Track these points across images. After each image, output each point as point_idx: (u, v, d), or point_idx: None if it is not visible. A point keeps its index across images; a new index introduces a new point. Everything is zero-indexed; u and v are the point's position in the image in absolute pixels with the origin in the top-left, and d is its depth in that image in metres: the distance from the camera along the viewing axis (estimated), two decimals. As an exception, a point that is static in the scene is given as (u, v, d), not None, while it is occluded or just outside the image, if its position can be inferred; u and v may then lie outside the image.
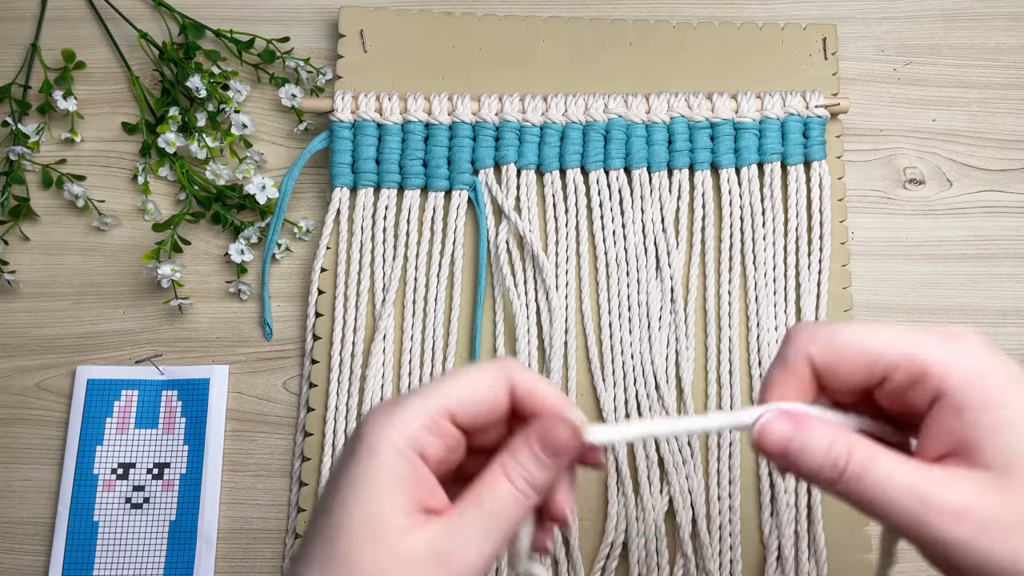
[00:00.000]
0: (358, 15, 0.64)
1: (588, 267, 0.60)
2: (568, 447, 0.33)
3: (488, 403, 0.33)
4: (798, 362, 0.33)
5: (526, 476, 0.32)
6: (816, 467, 0.32)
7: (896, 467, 0.31)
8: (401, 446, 0.32)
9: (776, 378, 0.34)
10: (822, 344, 0.33)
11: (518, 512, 0.32)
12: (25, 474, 0.59)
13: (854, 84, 0.65)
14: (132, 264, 0.62)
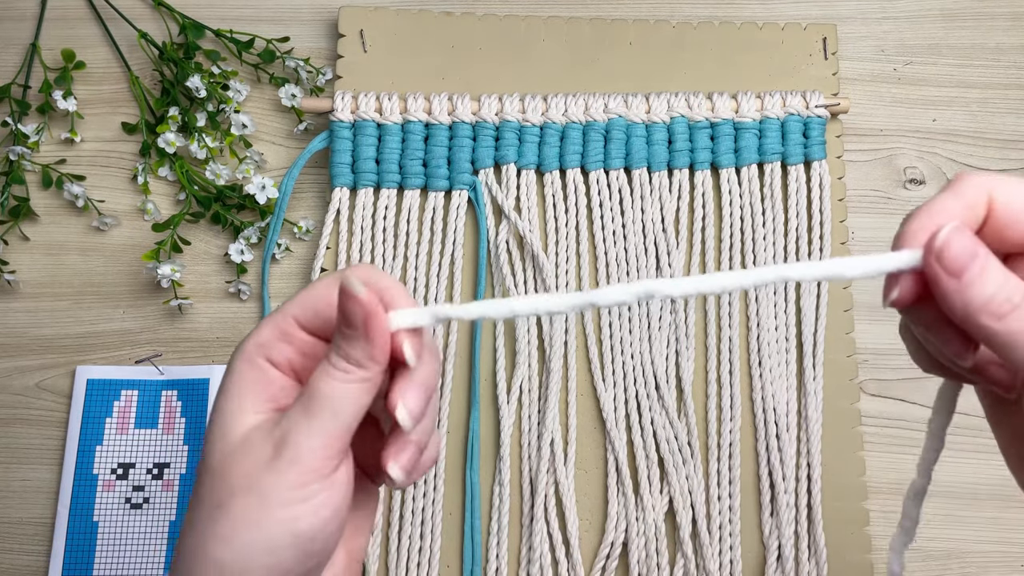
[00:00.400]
0: (358, 15, 0.64)
1: (588, 267, 0.59)
2: (354, 313, 0.31)
3: (327, 302, 0.34)
4: (977, 194, 0.30)
5: (339, 352, 0.32)
6: (988, 295, 0.29)
7: None
8: (250, 354, 0.34)
9: (942, 204, 0.31)
10: (1010, 188, 0.30)
11: (346, 394, 0.32)
12: (25, 474, 0.58)
13: (854, 84, 0.65)
14: (132, 264, 0.62)
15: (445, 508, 0.56)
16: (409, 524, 0.55)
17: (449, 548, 0.55)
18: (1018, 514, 0.57)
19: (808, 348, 0.58)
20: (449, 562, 0.55)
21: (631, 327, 0.58)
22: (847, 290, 0.59)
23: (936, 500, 0.57)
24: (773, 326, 0.58)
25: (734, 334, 0.58)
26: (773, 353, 0.58)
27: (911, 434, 0.58)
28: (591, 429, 0.57)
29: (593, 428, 0.57)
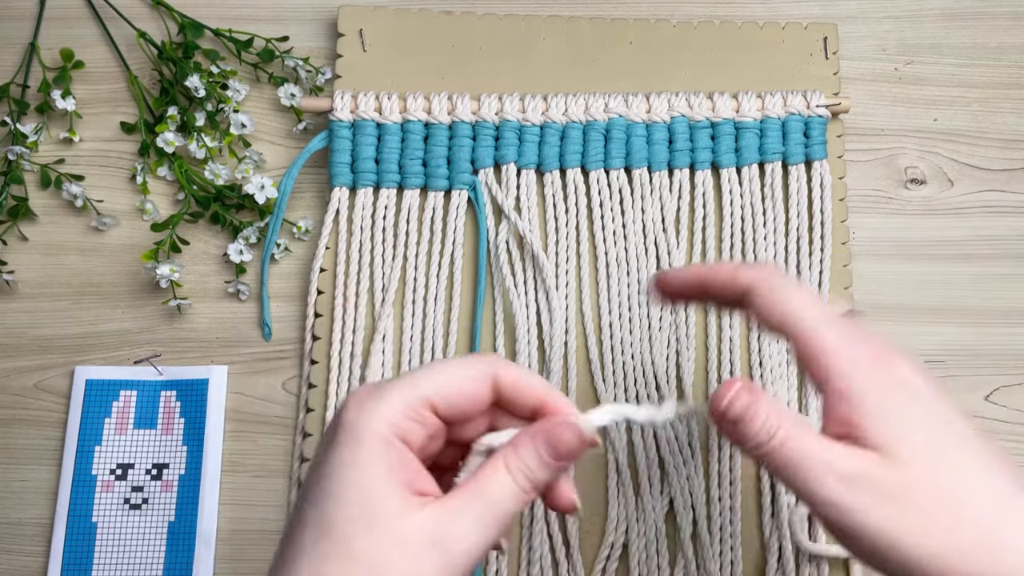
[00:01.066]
0: (357, 14, 0.64)
1: (588, 267, 0.59)
2: (573, 451, 0.34)
3: (470, 396, 0.34)
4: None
5: (528, 473, 0.33)
6: (753, 433, 0.34)
7: (812, 440, 0.33)
8: (385, 432, 0.32)
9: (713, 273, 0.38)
10: (773, 294, 0.36)
11: (515, 506, 0.33)
12: (23, 475, 0.58)
13: (855, 84, 0.65)
14: (131, 264, 0.62)
15: (445, 509, 0.56)
16: None
17: (449, 549, 0.55)
18: (1019, 515, 0.57)
19: (809, 348, 0.58)
20: (449, 563, 0.55)
21: (631, 327, 0.58)
22: (848, 290, 0.59)
23: (937, 501, 0.57)
24: (774, 326, 0.58)
25: (734, 334, 0.58)
26: (773, 353, 0.58)
27: (912, 434, 0.58)
28: (591, 429, 0.57)
29: (593, 428, 0.57)
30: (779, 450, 0.33)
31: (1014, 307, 0.61)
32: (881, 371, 0.34)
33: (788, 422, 0.34)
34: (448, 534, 0.31)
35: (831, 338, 0.34)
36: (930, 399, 0.34)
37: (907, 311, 0.61)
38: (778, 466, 0.34)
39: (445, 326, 0.58)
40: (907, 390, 0.34)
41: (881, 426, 0.33)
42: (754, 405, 0.34)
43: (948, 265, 0.61)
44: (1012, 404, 0.59)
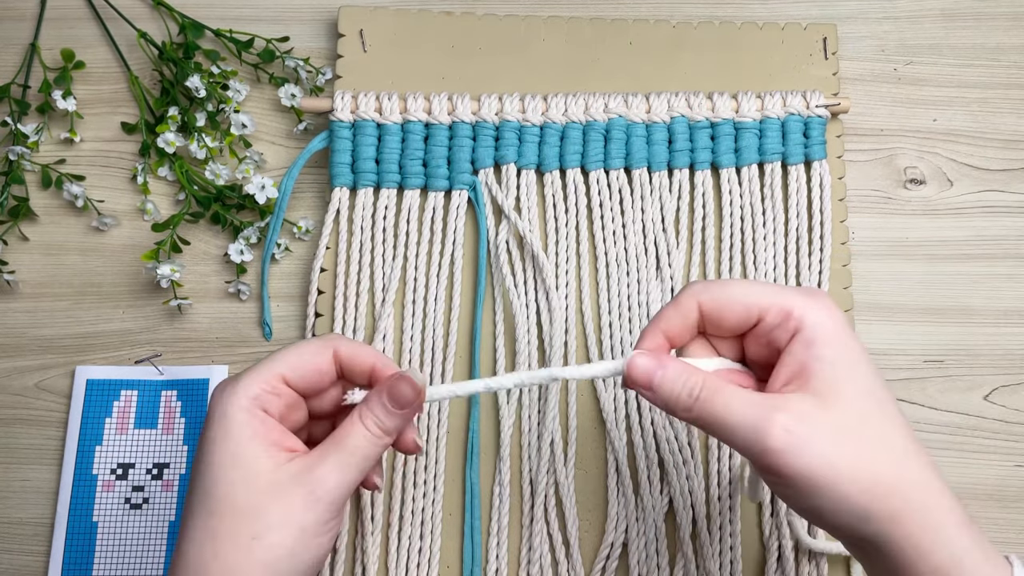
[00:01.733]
0: (358, 15, 0.64)
1: (588, 267, 0.59)
2: (410, 400, 0.41)
3: (314, 368, 0.42)
4: (689, 303, 0.41)
5: (377, 422, 0.41)
6: (675, 395, 0.39)
7: (741, 393, 0.38)
8: (246, 405, 0.39)
9: (665, 314, 0.41)
10: (714, 291, 0.40)
11: (371, 450, 0.40)
12: (24, 474, 0.58)
13: (854, 84, 0.65)
14: (132, 264, 0.62)
15: (445, 508, 0.56)
16: (409, 524, 0.55)
17: (449, 548, 0.55)
18: (1018, 514, 0.57)
19: (808, 348, 0.58)
20: (449, 562, 0.55)
21: (631, 327, 0.58)
22: (847, 290, 0.59)
23: (936, 500, 0.57)
24: (773, 326, 0.58)
25: (734, 334, 0.58)
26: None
27: (911, 434, 0.58)
28: (591, 429, 0.57)
29: (593, 428, 0.57)
30: (708, 408, 0.38)
31: (1013, 307, 0.61)
32: (837, 327, 0.39)
33: (710, 380, 0.39)
34: (313, 476, 0.38)
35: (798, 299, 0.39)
36: (869, 368, 0.39)
37: (906, 311, 0.61)
38: (710, 423, 0.38)
39: (445, 326, 0.58)
40: (855, 354, 0.38)
41: (829, 373, 0.37)
42: (660, 370, 0.39)
43: (947, 265, 0.61)
44: (1011, 404, 0.59)
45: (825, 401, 0.37)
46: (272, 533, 0.37)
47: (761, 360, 0.41)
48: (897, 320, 0.60)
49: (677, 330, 0.41)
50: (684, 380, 0.39)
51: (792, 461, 0.36)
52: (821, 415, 0.37)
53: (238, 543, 0.37)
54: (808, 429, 0.36)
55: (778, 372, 0.39)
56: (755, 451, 0.37)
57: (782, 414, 0.36)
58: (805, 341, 0.38)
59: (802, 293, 0.39)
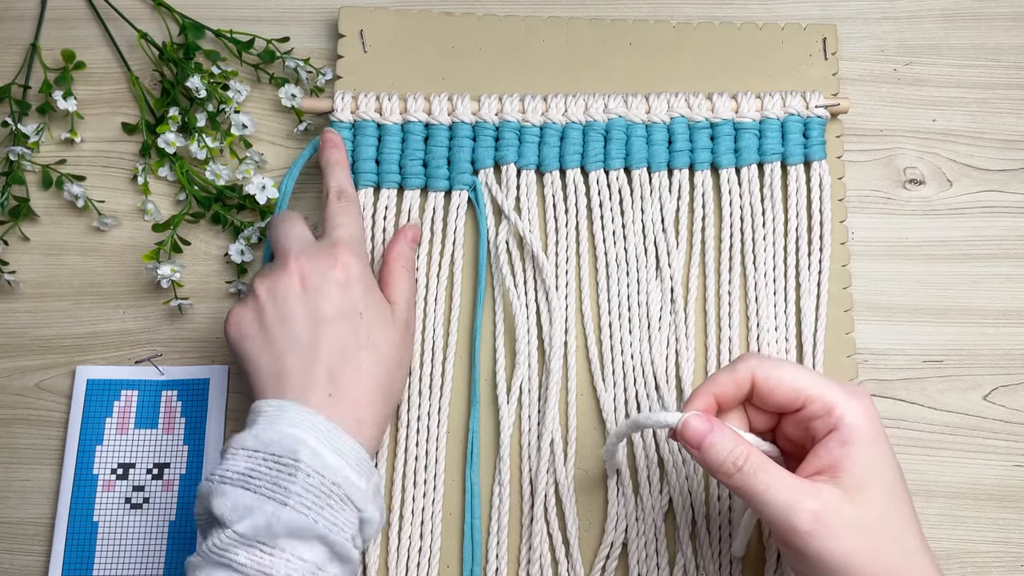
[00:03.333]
0: (358, 15, 0.64)
1: (588, 267, 0.59)
2: (417, 235, 0.58)
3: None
4: (745, 375, 0.45)
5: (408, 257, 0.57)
6: (719, 461, 0.43)
7: (781, 474, 0.42)
8: None
9: (720, 380, 0.45)
10: (769, 369, 0.45)
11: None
12: (25, 474, 0.59)
13: (854, 84, 0.65)
14: (132, 264, 0.62)
15: (445, 508, 0.56)
16: (409, 524, 0.55)
17: (449, 548, 0.55)
18: (1018, 514, 0.57)
19: (808, 348, 0.58)
20: (449, 562, 0.55)
21: (631, 327, 0.58)
22: (847, 290, 0.59)
23: (936, 500, 0.57)
24: (773, 326, 0.58)
25: (734, 334, 0.58)
26: (773, 353, 0.58)
27: (911, 434, 0.59)
28: (591, 429, 0.57)
29: (593, 428, 0.57)
30: (749, 481, 0.42)
31: (1013, 307, 0.61)
32: (872, 430, 0.43)
33: (755, 454, 0.43)
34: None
35: (841, 398, 0.43)
36: (894, 470, 0.44)
37: (906, 311, 0.61)
38: (747, 494, 0.42)
39: (445, 326, 0.58)
40: (884, 458, 0.43)
41: (858, 472, 0.42)
42: (711, 435, 0.43)
43: (947, 265, 0.61)
44: (1011, 404, 0.59)
45: (852, 497, 0.42)
46: (401, 318, 0.54)
47: (792, 438, 0.46)
48: (897, 320, 0.61)
49: (728, 397, 0.45)
50: (731, 449, 0.43)
51: (815, 544, 0.41)
52: (847, 509, 0.41)
53: (397, 332, 0.52)
54: (834, 520, 0.41)
55: (811, 460, 0.43)
56: (782, 527, 0.41)
57: (813, 501, 0.41)
58: (841, 440, 0.43)
59: (846, 392, 0.44)
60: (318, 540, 0.44)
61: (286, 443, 0.45)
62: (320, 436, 0.46)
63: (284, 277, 0.50)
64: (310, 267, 0.50)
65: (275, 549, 0.43)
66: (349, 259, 0.51)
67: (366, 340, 0.50)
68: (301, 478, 0.44)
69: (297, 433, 0.45)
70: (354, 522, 0.46)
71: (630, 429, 0.48)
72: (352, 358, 0.49)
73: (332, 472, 0.45)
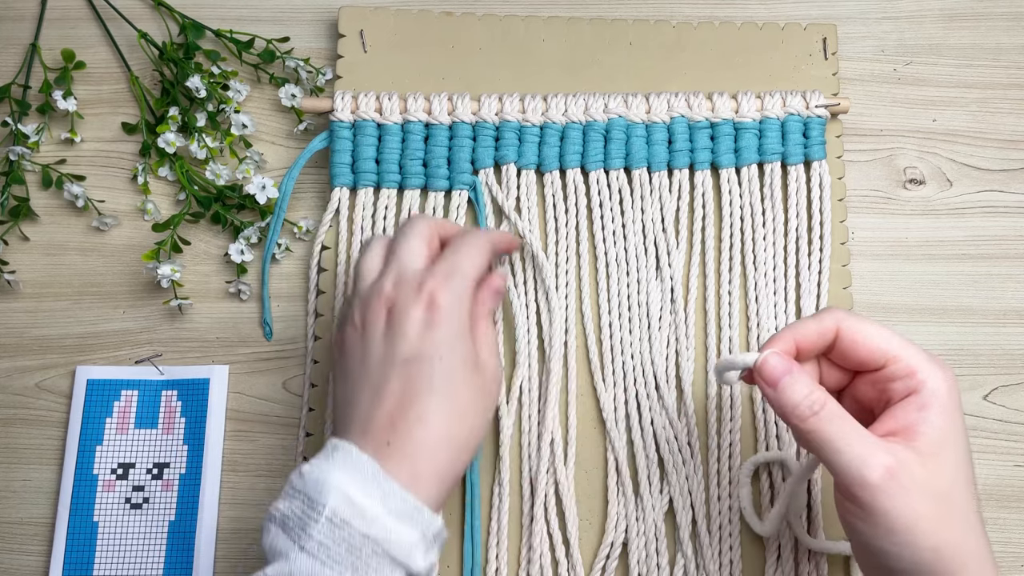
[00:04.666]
0: (358, 15, 0.64)
1: (588, 267, 0.59)
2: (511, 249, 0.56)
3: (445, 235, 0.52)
4: (830, 324, 0.44)
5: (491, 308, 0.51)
6: (794, 402, 0.42)
7: (857, 426, 0.42)
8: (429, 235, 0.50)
9: (804, 326, 0.44)
10: (855, 323, 0.44)
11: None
12: (25, 474, 0.59)
13: (854, 84, 0.65)
14: (132, 264, 0.62)
15: (445, 508, 0.56)
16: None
17: (449, 548, 0.55)
18: (1018, 514, 0.57)
19: (808, 348, 0.58)
20: (449, 562, 0.55)
21: (631, 327, 0.58)
22: (847, 290, 0.59)
23: (936, 500, 0.57)
24: (773, 326, 0.58)
25: (734, 334, 0.58)
26: (773, 353, 0.58)
27: (911, 434, 0.58)
28: (591, 429, 0.57)
29: (593, 428, 0.57)
30: (824, 427, 0.41)
31: (1013, 307, 0.61)
32: (951, 399, 0.42)
33: (832, 402, 0.42)
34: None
35: (924, 362, 0.43)
36: (965, 443, 0.43)
37: (906, 311, 0.61)
38: (819, 441, 0.41)
39: (445, 326, 0.58)
40: (958, 429, 0.43)
41: (934, 438, 0.41)
42: (789, 375, 0.43)
43: (947, 265, 0.61)
44: (1011, 404, 0.59)
45: (925, 461, 0.41)
46: (487, 367, 0.48)
47: (863, 399, 0.45)
48: (897, 320, 0.61)
49: (809, 344, 0.44)
50: (808, 392, 0.42)
51: (883, 500, 0.40)
52: (919, 471, 0.41)
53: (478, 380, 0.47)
54: (906, 479, 0.40)
55: (884, 421, 0.43)
56: (852, 478, 0.41)
57: (887, 456, 0.41)
58: (920, 403, 0.42)
59: (930, 359, 0.43)
60: None
61: (321, 487, 0.41)
62: (365, 485, 0.41)
63: (375, 304, 0.47)
64: (399, 299, 0.46)
65: None
66: (440, 296, 0.46)
67: (441, 386, 0.45)
68: (324, 525, 0.40)
69: (336, 478, 0.41)
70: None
71: (719, 371, 0.47)
72: (419, 404, 0.44)
73: (368, 524, 0.40)
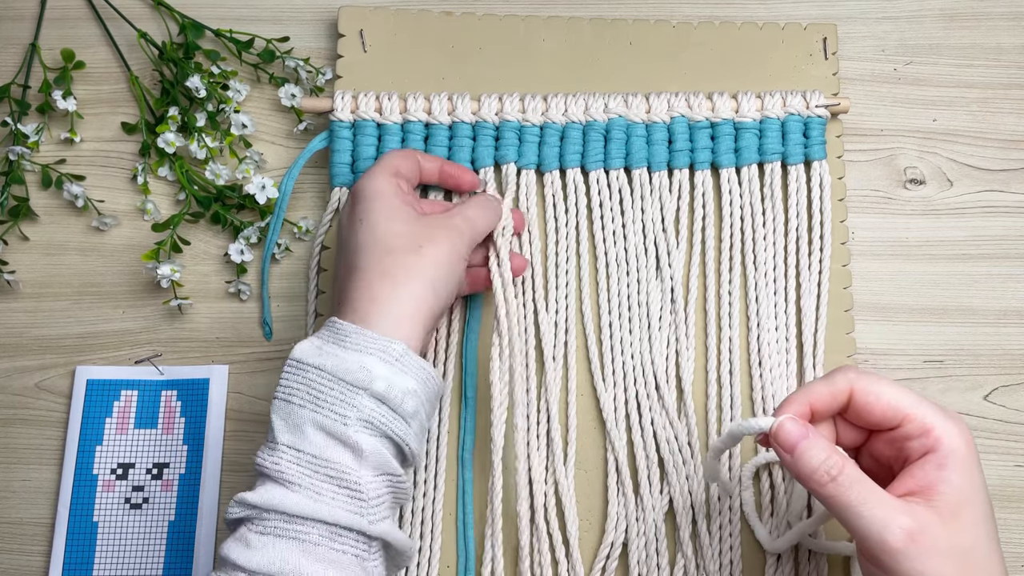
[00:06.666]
0: (358, 15, 0.64)
1: (588, 267, 0.59)
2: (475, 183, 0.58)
3: (413, 168, 0.55)
4: (843, 386, 0.44)
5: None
6: (812, 468, 0.41)
7: (877, 490, 0.41)
8: (392, 179, 0.51)
9: (816, 388, 0.44)
10: (867, 384, 0.43)
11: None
12: (25, 474, 0.58)
13: (854, 84, 0.65)
14: (132, 264, 0.62)
15: (445, 508, 0.56)
16: (409, 524, 0.55)
17: (449, 548, 0.55)
18: (1019, 514, 0.57)
19: (808, 348, 0.58)
20: (449, 562, 0.55)
21: (631, 327, 0.58)
22: (847, 290, 0.59)
23: (936, 500, 0.57)
24: (773, 326, 0.58)
25: (734, 334, 0.58)
26: (773, 353, 0.58)
27: (911, 434, 0.58)
28: (591, 429, 0.57)
29: (593, 428, 0.57)
30: (843, 492, 0.41)
31: (1013, 307, 0.61)
32: (969, 455, 0.42)
33: (850, 466, 0.41)
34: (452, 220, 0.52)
35: (940, 420, 0.42)
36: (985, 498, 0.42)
37: (906, 311, 0.61)
38: (839, 506, 0.41)
39: (446, 326, 0.58)
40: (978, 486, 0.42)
41: (955, 497, 0.41)
42: (805, 441, 0.42)
43: (947, 265, 0.61)
44: (1011, 404, 0.59)
45: (946, 522, 0.41)
46: (432, 246, 0.48)
47: (880, 457, 0.45)
48: (897, 320, 0.60)
49: (822, 407, 0.44)
50: (826, 457, 0.41)
51: (906, 564, 0.40)
52: (940, 533, 0.40)
53: (408, 262, 0.48)
54: (927, 542, 0.40)
55: (903, 480, 0.42)
56: (874, 543, 0.40)
57: (908, 519, 0.40)
58: (938, 462, 0.42)
59: (944, 414, 0.43)
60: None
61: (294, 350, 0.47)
62: (322, 334, 0.47)
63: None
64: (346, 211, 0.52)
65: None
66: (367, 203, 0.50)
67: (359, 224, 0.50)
68: (288, 371, 0.46)
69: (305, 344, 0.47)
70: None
71: (728, 442, 0.46)
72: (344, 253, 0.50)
73: (318, 358, 0.46)
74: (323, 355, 0.45)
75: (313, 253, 0.60)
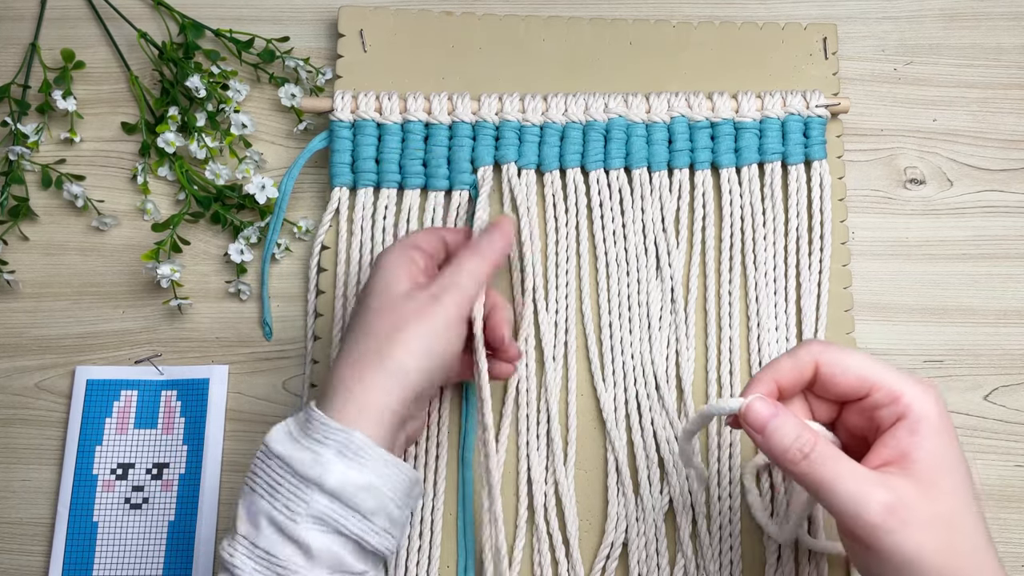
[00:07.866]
0: (358, 15, 0.64)
1: (588, 267, 0.59)
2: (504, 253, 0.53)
3: (438, 244, 0.53)
4: (807, 360, 0.43)
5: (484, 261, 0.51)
6: (784, 446, 0.41)
7: (850, 464, 0.40)
8: (405, 249, 0.50)
9: (781, 365, 0.43)
10: (833, 355, 0.42)
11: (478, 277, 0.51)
12: (25, 474, 0.58)
13: (855, 84, 0.65)
14: (131, 264, 0.62)
15: (445, 508, 0.56)
16: (409, 524, 0.55)
17: (449, 548, 0.55)
18: (1018, 514, 0.57)
19: (808, 348, 0.58)
20: (449, 562, 0.55)
21: (631, 327, 0.58)
22: (847, 290, 0.59)
23: (936, 500, 0.57)
24: (773, 326, 0.58)
25: (734, 334, 0.58)
26: (773, 353, 0.58)
27: (911, 434, 0.58)
28: (591, 429, 0.57)
29: (593, 428, 0.57)
30: (817, 469, 0.40)
31: (1013, 307, 0.61)
32: (942, 419, 0.41)
33: (822, 442, 0.40)
34: (444, 286, 0.49)
35: (908, 385, 0.41)
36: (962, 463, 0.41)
37: (906, 311, 0.61)
38: (814, 483, 0.40)
39: (445, 326, 0.58)
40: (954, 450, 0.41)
41: (930, 463, 0.40)
42: (775, 419, 0.41)
43: (947, 265, 0.61)
44: (1011, 404, 0.59)
45: (924, 489, 0.39)
46: (410, 328, 0.47)
47: (855, 429, 0.44)
48: (897, 320, 0.60)
49: (789, 383, 0.43)
50: (797, 435, 0.41)
51: (886, 538, 0.39)
52: (919, 502, 0.39)
53: (381, 349, 0.46)
54: (906, 513, 0.39)
55: (877, 450, 0.41)
56: (851, 520, 0.39)
57: (884, 492, 0.39)
58: (910, 428, 0.41)
59: (913, 380, 0.42)
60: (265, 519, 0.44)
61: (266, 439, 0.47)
62: (293, 425, 0.46)
63: None
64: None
65: None
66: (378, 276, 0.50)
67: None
68: (257, 461, 0.46)
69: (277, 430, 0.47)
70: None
71: (699, 422, 0.45)
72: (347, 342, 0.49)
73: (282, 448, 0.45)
74: (287, 443, 0.45)
75: (313, 253, 0.60)
